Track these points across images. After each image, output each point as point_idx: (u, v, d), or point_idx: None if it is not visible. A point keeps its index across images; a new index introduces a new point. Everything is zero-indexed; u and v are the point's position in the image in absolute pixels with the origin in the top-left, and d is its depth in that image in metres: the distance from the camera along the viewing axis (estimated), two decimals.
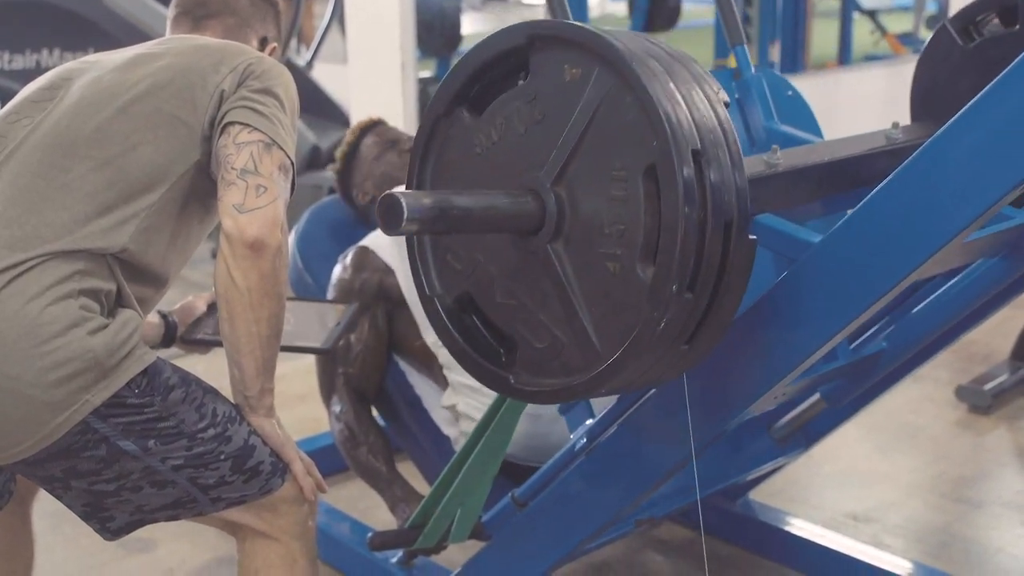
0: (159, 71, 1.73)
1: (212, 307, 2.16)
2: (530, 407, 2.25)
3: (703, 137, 1.32)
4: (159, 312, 2.10)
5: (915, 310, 1.93)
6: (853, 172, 1.83)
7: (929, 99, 2.09)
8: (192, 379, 1.69)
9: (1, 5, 5.02)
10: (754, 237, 1.38)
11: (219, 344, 2.08)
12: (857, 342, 1.95)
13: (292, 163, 1.71)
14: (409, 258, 1.57)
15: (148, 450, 1.61)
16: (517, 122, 1.45)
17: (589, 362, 1.40)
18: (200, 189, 1.73)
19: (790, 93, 2.15)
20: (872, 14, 10.53)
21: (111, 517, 1.69)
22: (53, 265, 1.56)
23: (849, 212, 1.45)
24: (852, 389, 2.04)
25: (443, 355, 2.40)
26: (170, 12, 2.02)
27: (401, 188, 2.70)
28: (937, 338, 2.20)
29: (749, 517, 2.71)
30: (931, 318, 1.92)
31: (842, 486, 3.05)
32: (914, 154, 1.37)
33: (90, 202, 1.62)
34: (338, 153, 2.87)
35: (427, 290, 1.56)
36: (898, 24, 12.00)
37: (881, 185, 1.40)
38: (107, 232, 1.61)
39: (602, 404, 2.06)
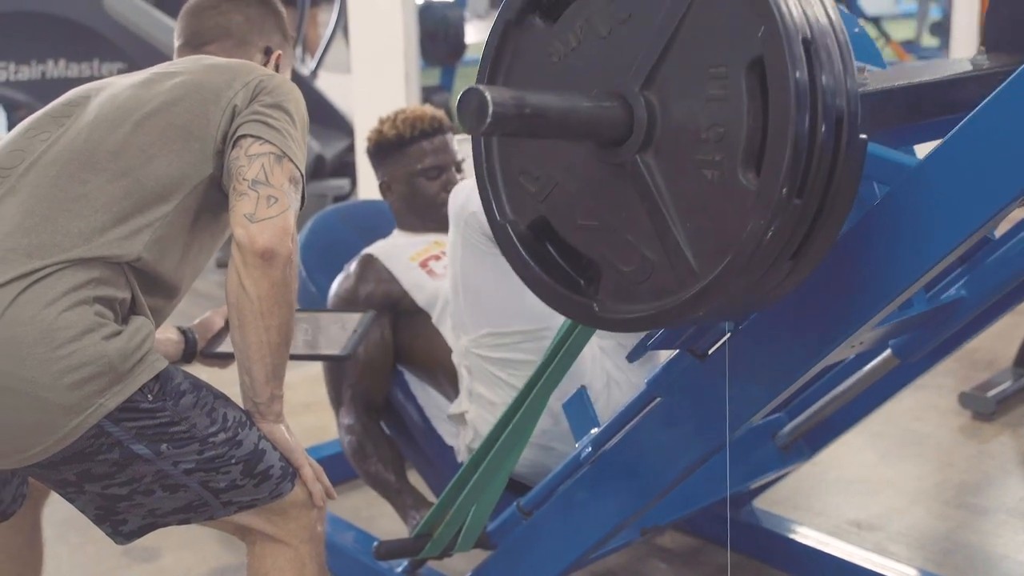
0: (174, 88, 1.78)
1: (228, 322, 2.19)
2: (540, 438, 2.26)
3: (812, 28, 1.21)
4: (179, 328, 2.14)
5: (990, 259, 1.86)
6: (942, 97, 1.69)
7: (1007, 28, 2.01)
8: (203, 385, 1.72)
9: (6, 17, 5.04)
10: (864, 136, 1.27)
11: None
12: (933, 291, 1.88)
13: (302, 175, 1.76)
14: (478, 182, 1.48)
15: (160, 454, 1.64)
16: (599, 24, 1.33)
17: (684, 283, 1.28)
18: (212, 202, 1.77)
19: (857, 30, 2.05)
20: (876, 21, 10.55)
21: (124, 521, 1.71)
22: (70, 272, 1.60)
23: (942, 139, 1.36)
24: (926, 342, 1.94)
25: (470, 363, 2.36)
26: (175, 42, 2.07)
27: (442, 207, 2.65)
28: (941, 344, 2.21)
29: (753, 525, 2.71)
30: (1007, 266, 1.83)
31: (846, 493, 3.05)
32: (1014, 76, 1.29)
33: (106, 212, 1.66)
34: (384, 130, 2.70)
35: (498, 216, 1.45)
36: (901, 31, 12.02)
37: (980, 107, 1.32)
38: (122, 241, 1.65)
39: (607, 413, 2.07)
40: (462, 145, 2.52)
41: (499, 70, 1.43)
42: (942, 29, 9.69)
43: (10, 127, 5.63)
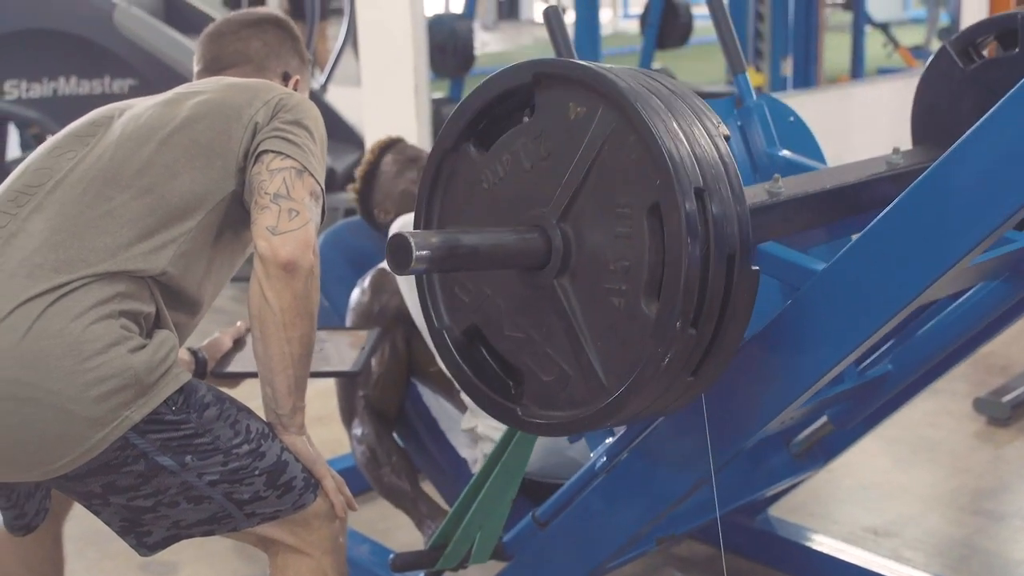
0: (196, 106, 1.82)
1: (238, 342, 2.24)
2: (550, 442, 2.26)
3: (705, 173, 1.33)
4: (188, 349, 2.15)
5: (919, 332, 1.94)
6: (855, 198, 1.85)
7: (930, 121, 2.11)
8: (226, 398, 1.74)
9: (17, 35, 5.07)
10: (757, 268, 1.39)
11: (248, 376, 2.13)
12: (863, 364, 1.96)
13: (323, 190, 1.80)
14: (418, 291, 1.59)
15: (185, 465, 1.66)
16: (523, 158, 1.46)
17: (595, 395, 1.42)
18: (234, 218, 1.80)
19: (792, 119, 2.19)
20: (884, 27, 10.55)
21: (148, 532, 1.73)
22: (96, 287, 1.62)
23: (853, 238, 1.47)
24: (859, 411, 2.07)
25: None
26: (195, 67, 2.11)
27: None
28: (954, 351, 2.21)
29: (769, 533, 2.71)
30: (935, 340, 1.93)
31: (861, 500, 3.04)
32: (917, 180, 1.38)
33: (132, 228, 1.69)
34: (358, 172, 2.88)
35: (435, 323, 1.58)
36: (910, 37, 12.01)
37: (885, 211, 1.41)
38: (147, 255, 1.68)
39: None
40: None
41: (436, 191, 1.56)
42: (951, 35, 9.68)
43: (23, 145, 5.68)
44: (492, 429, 2.36)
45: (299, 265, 1.68)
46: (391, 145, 2.89)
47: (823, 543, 2.65)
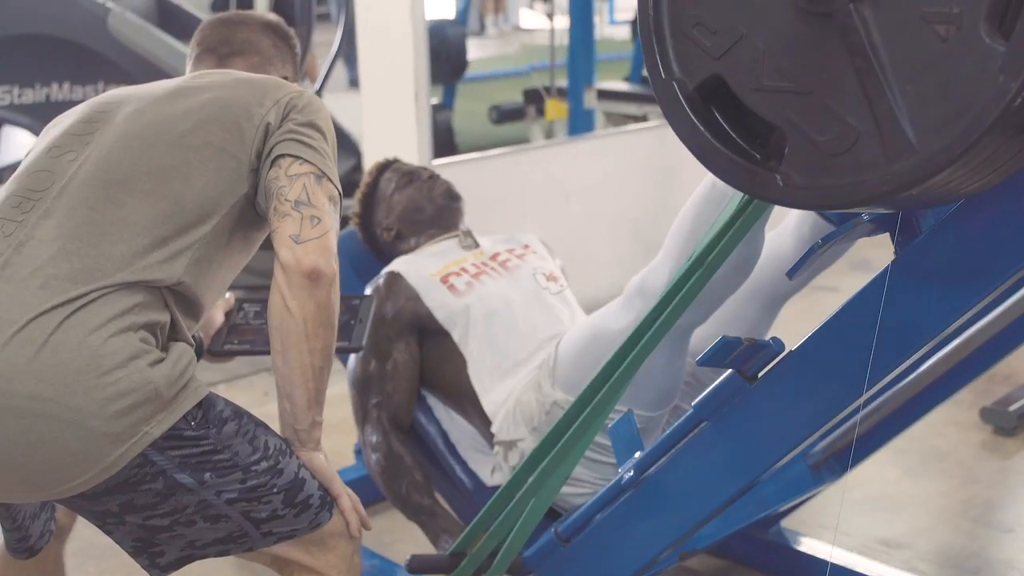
0: (205, 104, 1.75)
1: (230, 315, 2.19)
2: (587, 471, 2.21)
3: None
4: None
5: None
6: None
7: None
8: (244, 412, 1.69)
9: (9, 40, 5.01)
10: None
11: (245, 353, 2.09)
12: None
13: (340, 194, 1.75)
14: (642, 33, 1.32)
15: (204, 483, 1.61)
16: None
17: (898, 155, 1.14)
18: (245, 221, 1.75)
19: None
20: None
21: (162, 552, 1.68)
22: (114, 298, 1.57)
23: None
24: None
25: (550, 410, 2.28)
26: (192, 50, 2.05)
27: (424, 213, 2.70)
28: (971, 363, 2.20)
29: (783, 545, 2.68)
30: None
31: (873, 512, 3.02)
32: None
33: (147, 235, 1.63)
34: (357, 196, 2.86)
35: (663, 73, 1.30)
36: None
37: None
38: (162, 264, 1.62)
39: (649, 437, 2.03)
40: None
41: None
42: None
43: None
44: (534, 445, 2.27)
45: (323, 273, 1.64)
46: (387, 165, 2.88)
47: (837, 556, 2.63)
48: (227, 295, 2.22)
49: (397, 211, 2.78)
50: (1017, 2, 1.06)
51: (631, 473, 1.83)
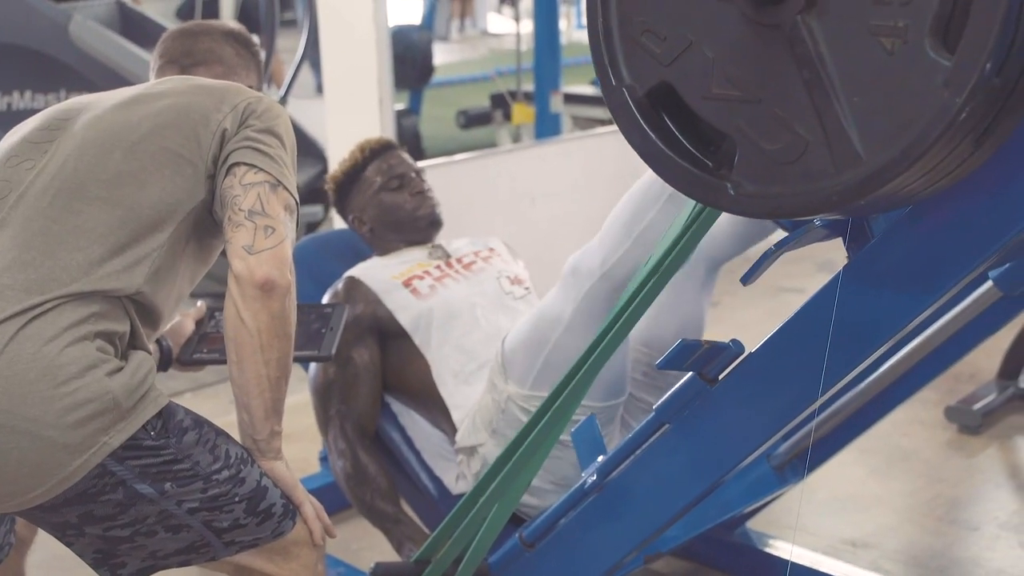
0: (163, 111, 1.73)
1: (200, 323, 2.17)
2: (565, 479, 2.21)
3: None
4: None
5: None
6: None
7: None
8: (204, 421, 1.68)
9: None
10: None
11: (216, 363, 2.07)
12: None
13: (297, 203, 1.73)
14: (591, 39, 1.32)
15: (164, 493, 1.60)
16: None
17: (845, 165, 1.15)
18: (201, 228, 1.74)
19: None
20: None
21: (123, 564, 1.66)
22: (70, 307, 1.55)
23: None
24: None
25: (507, 408, 2.28)
26: (154, 61, 2.03)
27: (406, 223, 2.66)
28: (932, 362, 2.21)
29: (748, 547, 2.68)
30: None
31: (838, 512, 3.03)
32: None
33: (103, 243, 1.61)
34: (338, 168, 2.77)
35: (612, 79, 1.29)
36: None
37: None
38: (120, 274, 1.61)
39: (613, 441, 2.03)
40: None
41: None
42: None
43: None
44: (495, 454, 2.26)
45: (277, 284, 1.63)
46: (382, 152, 2.76)
47: (803, 556, 2.63)
48: (199, 303, 2.20)
49: (376, 212, 2.70)
50: (961, 17, 1.07)
51: (594, 477, 1.83)
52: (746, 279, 1.56)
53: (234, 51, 2.02)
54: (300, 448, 3.42)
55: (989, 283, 1.91)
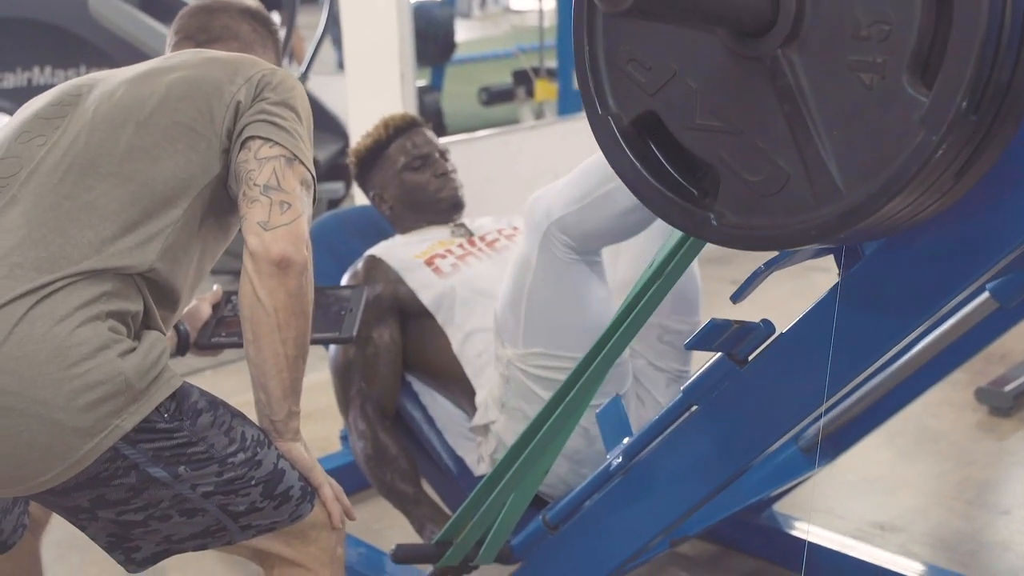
0: (174, 83, 1.69)
1: (217, 307, 2.14)
2: (570, 455, 2.17)
3: None
4: None
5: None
6: None
7: None
8: (219, 402, 1.64)
9: None
10: None
11: (234, 346, 2.04)
12: None
13: (314, 178, 1.69)
14: (577, 67, 1.32)
15: (178, 476, 1.56)
16: None
17: (825, 199, 1.15)
18: (218, 204, 1.69)
19: None
20: None
21: (137, 547, 1.63)
22: (81, 286, 1.51)
23: None
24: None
25: (510, 375, 2.24)
26: (170, 38, 2.00)
27: (429, 204, 2.62)
28: (968, 341, 2.15)
29: (775, 529, 2.64)
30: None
31: (866, 495, 2.98)
32: None
33: (115, 220, 1.57)
34: (361, 142, 2.72)
35: (599, 108, 1.30)
36: None
37: None
38: (133, 250, 1.56)
39: (639, 422, 1.99)
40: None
41: None
42: None
43: None
44: (511, 431, 2.22)
45: (293, 261, 1.58)
46: (408, 129, 2.71)
47: (831, 539, 2.58)
48: (215, 287, 2.17)
49: (397, 191, 2.67)
50: (939, 53, 1.07)
51: (619, 459, 1.79)
52: (735, 298, 1.54)
53: (251, 28, 1.98)
54: (320, 427, 3.40)
55: None
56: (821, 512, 2.87)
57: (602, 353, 1.80)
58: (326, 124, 5.43)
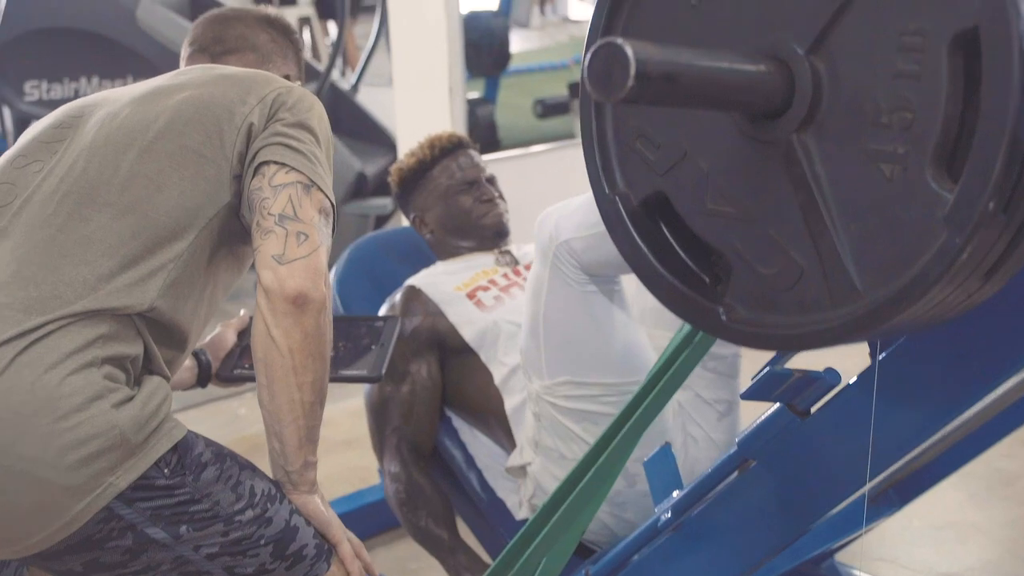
0: (181, 104, 1.56)
1: (243, 335, 2.00)
2: (611, 499, 2.03)
3: None
4: None
5: None
6: None
7: None
8: (227, 453, 1.51)
9: (38, 34, 4.92)
10: None
11: None
12: None
13: (333, 205, 1.55)
14: (584, 143, 1.25)
15: (180, 538, 1.43)
16: None
17: (842, 299, 1.06)
18: (229, 235, 1.56)
19: None
20: None
21: None
22: (74, 329, 1.38)
23: None
24: None
25: (540, 411, 2.11)
26: (184, 50, 1.87)
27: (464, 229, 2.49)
28: None
29: None
30: None
31: (935, 543, 2.81)
32: None
33: (113, 255, 1.44)
34: (404, 161, 2.59)
35: (606, 187, 1.22)
36: None
37: None
38: (131, 288, 1.43)
39: (684, 473, 1.84)
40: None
41: (619, 13, 1.18)
42: None
43: None
44: (548, 476, 2.10)
45: (311, 298, 1.45)
46: (453, 151, 2.57)
47: None
48: (241, 312, 2.04)
49: (439, 215, 2.54)
50: (965, 145, 0.97)
51: (669, 514, 1.64)
52: (746, 397, 1.42)
53: (269, 37, 1.85)
54: (360, 455, 3.28)
55: None
56: (886, 562, 2.70)
57: (632, 418, 1.67)
58: (376, 137, 5.33)
